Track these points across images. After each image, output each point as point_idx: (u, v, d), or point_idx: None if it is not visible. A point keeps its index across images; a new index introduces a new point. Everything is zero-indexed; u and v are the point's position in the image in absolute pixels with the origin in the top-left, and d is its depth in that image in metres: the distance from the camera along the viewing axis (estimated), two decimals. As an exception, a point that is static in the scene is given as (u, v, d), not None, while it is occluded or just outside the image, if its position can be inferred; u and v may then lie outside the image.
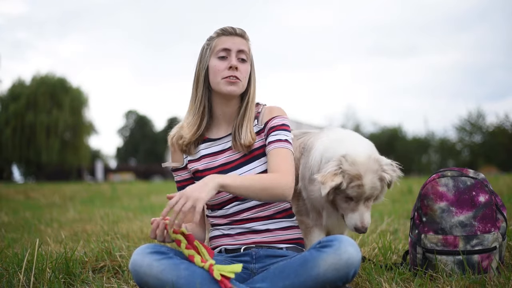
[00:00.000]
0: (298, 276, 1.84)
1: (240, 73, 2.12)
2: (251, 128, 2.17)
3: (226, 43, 2.13)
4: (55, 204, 9.57)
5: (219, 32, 2.16)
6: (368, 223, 2.16)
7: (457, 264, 2.28)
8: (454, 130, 36.60)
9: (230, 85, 2.11)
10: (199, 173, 2.19)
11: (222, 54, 2.13)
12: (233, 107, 2.20)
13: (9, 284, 2.26)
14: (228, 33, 2.15)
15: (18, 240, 3.99)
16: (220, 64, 2.12)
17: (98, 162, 40.15)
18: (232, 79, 2.10)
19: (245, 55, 2.15)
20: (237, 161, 2.16)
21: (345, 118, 40.73)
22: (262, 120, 2.21)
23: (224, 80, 2.11)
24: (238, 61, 2.13)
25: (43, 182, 24.96)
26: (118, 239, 3.37)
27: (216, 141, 2.22)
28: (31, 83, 33.06)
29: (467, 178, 2.38)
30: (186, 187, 2.03)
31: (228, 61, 2.12)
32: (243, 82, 2.15)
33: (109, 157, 59.25)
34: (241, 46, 2.14)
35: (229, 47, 2.12)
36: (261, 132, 2.19)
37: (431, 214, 2.36)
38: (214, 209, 2.21)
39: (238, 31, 2.16)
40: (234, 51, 2.12)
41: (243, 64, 2.14)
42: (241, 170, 2.14)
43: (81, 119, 33.82)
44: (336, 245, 1.84)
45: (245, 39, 2.17)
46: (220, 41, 2.14)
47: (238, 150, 2.16)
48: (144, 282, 1.84)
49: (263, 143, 2.18)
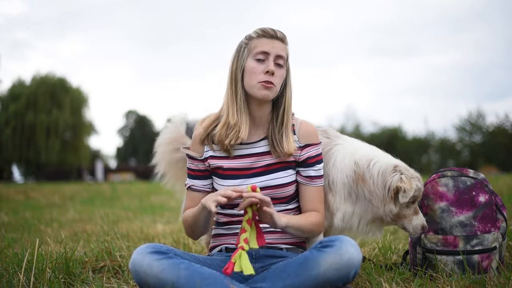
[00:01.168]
0: (299, 276, 1.83)
1: (275, 79, 2.09)
2: (292, 137, 2.15)
3: (266, 46, 2.09)
4: (55, 204, 9.57)
5: (259, 33, 2.11)
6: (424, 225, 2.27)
7: (457, 264, 2.28)
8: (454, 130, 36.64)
9: (264, 89, 2.08)
10: (221, 171, 2.17)
11: (260, 57, 2.09)
12: (265, 111, 2.17)
13: (9, 284, 2.26)
14: (269, 35, 2.10)
15: (18, 240, 3.98)
16: (257, 66, 2.09)
17: (98, 162, 40.11)
18: (267, 84, 2.07)
19: (282, 61, 2.11)
20: (263, 168, 2.14)
21: (345, 118, 40.81)
22: (300, 137, 2.19)
23: (259, 84, 2.08)
24: (275, 66, 2.09)
25: (43, 182, 24.96)
26: (118, 239, 3.37)
27: (248, 144, 2.18)
28: (31, 83, 33.04)
29: (467, 178, 2.38)
30: (198, 177, 2.20)
31: (265, 64, 2.08)
32: (277, 88, 2.11)
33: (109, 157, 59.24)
34: (280, 51, 2.10)
35: (268, 50, 2.08)
36: (298, 149, 2.17)
37: (431, 214, 2.36)
38: (224, 208, 2.21)
39: (279, 34, 2.11)
40: (273, 56, 2.08)
41: (279, 69, 2.11)
42: (265, 177, 2.13)
43: (81, 119, 33.81)
44: (337, 245, 1.84)
45: (284, 43, 2.13)
46: (260, 42, 2.10)
47: (278, 156, 2.14)
48: (144, 281, 1.84)
49: (295, 159, 2.17)
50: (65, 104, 32.42)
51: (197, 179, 2.22)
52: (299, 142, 2.18)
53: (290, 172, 2.16)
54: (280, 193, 2.14)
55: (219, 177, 2.16)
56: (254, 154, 2.16)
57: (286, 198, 2.17)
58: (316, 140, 2.21)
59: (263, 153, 2.16)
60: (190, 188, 2.23)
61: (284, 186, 2.14)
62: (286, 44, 2.14)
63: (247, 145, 2.18)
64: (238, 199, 1.91)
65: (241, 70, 2.13)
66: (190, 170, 2.24)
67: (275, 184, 2.13)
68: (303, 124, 2.22)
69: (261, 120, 2.19)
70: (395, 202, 2.19)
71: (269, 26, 2.14)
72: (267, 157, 2.15)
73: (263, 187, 2.11)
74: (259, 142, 2.18)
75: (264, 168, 2.14)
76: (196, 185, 2.21)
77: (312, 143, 2.19)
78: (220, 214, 2.23)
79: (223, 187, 2.12)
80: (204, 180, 2.21)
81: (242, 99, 2.13)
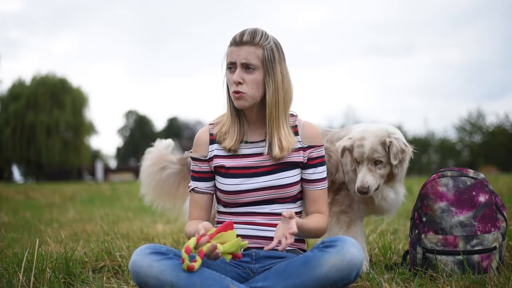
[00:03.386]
0: (300, 276, 1.83)
1: (245, 86, 2.07)
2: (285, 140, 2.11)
3: (232, 55, 2.08)
4: (55, 204, 9.56)
5: (230, 41, 2.11)
6: (366, 183, 2.41)
7: (457, 264, 2.28)
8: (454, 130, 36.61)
9: (236, 99, 2.08)
10: (224, 170, 2.17)
11: (230, 66, 2.10)
12: (256, 114, 2.16)
13: (9, 284, 2.26)
14: (235, 43, 2.08)
15: (18, 240, 3.98)
16: (230, 77, 2.10)
17: (98, 162, 40.10)
18: (236, 94, 2.07)
19: (251, 65, 2.07)
20: (267, 168, 2.14)
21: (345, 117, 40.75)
22: (304, 138, 2.18)
23: (232, 94, 2.09)
24: (243, 72, 2.07)
25: (43, 182, 24.95)
26: (118, 239, 3.37)
27: (251, 144, 2.18)
28: (31, 83, 33.04)
29: (467, 178, 2.38)
30: (202, 179, 2.20)
31: (233, 74, 2.09)
32: (250, 93, 2.08)
33: (109, 157, 59.23)
34: (246, 57, 2.06)
35: (234, 59, 2.07)
36: (301, 149, 2.17)
37: (431, 214, 2.36)
38: (227, 206, 2.21)
39: (245, 38, 2.07)
40: (238, 64, 2.07)
41: (249, 75, 2.07)
42: (269, 177, 2.13)
43: (82, 119, 33.79)
44: (339, 246, 1.84)
45: (254, 45, 2.07)
46: (229, 52, 2.10)
47: (269, 159, 2.14)
48: (144, 282, 1.84)
49: (302, 160, 2.16)
50: (66, 104, 32.41)
51: (201, 181, 2.21)
52: (303, 143, 2.18)
53: (295, 172, 2.15)
54: (284, 193, 2.14)
55: (221, 175, 2.17)
56: (256, 154, 2.16)
57: (290, 198, 2.17)
58: (319, 142, 2.21)
59: (262, 154, 2.16)
60: (194, 190, 2.22)
61: (288, 186, 2.14)
62: (256, 46, 2.07)
63: (251, 144, 2.18)
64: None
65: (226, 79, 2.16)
66: (194, 172, 2.24)
67: (279, 184, 2.12)
68: (306, 126, 2.21)
69: (258, 121, 2.18)
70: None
71: (244, 29, 2.11)
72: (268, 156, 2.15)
73: (267, 187, 2.12)
74: (261, 142, 2.18)
75: (268, 168, 2.14)
76: (200, 187, 2.21)
77: (315, 145, 2.19)
78: (221, 213, 2.23)
79: (225, 186, 2.13)
80: (207, 182, 2.21)
81: (231, 107, 2.15)
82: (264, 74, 2.08)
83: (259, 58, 2.07)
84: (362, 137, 2.45)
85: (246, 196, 2.12)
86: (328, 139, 2.67)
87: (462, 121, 35.86)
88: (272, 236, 2.10)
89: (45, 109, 32.12)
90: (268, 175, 2.13)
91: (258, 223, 2.13)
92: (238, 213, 2.17)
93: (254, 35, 2.07)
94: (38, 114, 31.66)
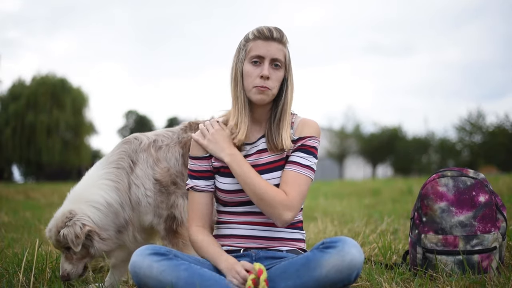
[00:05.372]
0: (300, 277, 1.83)
1: (271, 82, 2.07)
2: (290, 134, 2.13)
3: (261, 49, 2.06)
4: (55, 204, 9.55)
5: (255, 34, 2.09)
6: (65, 271, 2.33)
7: (457, 264, 2.28)
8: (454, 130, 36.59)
9: (259, 94, 2.07)
10: (223, 169, 2.16)
11: (255, 60, 2.07)
12: (264, 110, 2.16)
13: (9, 284, 2.26)
14: (264, 37, 2.07)
15: (18, 240, 3.98)
16: (253, 70, 2.07)
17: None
18: (262, 88, 2.06)
19: (279, 62, 2.09)
20: (264, 166, 2.13)
21: (345, 118, 40.74)
22: (296, 131, 2.17)
23: (255, 89, 2.07)
24: (271, 68, 2.07)
25: (43, 182, 24.95)
26: (118, 239, 3.36)
27: (250, 144, 2.18)
28: (31, 83, 33.04)
29: (467, 178, 2.38)
30: (201, 177, 2.16)
31: (260, 68, 2.07)
32: (273, 91, 2.09)
33: (109, 157, 59.11)
34: (275, 54, 2.07)
35: (263, 54, 2.06)
36: (294, 143, 2.15)
37: (431, 214, 2.36)
38: (226, 206, 2.20)
39: (275, 35, 2.07)
40: (268, 59, 2.06)
41: (276, 72, 2.09)
42: (268, 175, 2.11)
43: (82, 119, 33.80)
44: (339, 246, 1.84)
45: (281, 43, 2.09)
46: (255, 45, 2.08)
47: (274, 153, 2.13)
48: (144, 283, 1.84)
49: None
50: (66, 104, 32.41)
51: (200, 179, 2.20)
52: (293, 135, 2.16)
53: None
54: None
55: (220, 175, 2.17)
56: (254, 153, 2.16)
57: None
58: (309, 133, 2.16)
59: (262, 150, 2.16)
60: (193, 188, 2.20)
61: None
62: (283, 44, 2.11)
63: (249, 145, 2.18)
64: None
65: (240, 73, 2.12)
66: (192, 171, 2.22)
67: (278, 183, 2.12)
68: (303, 120, 2.21)
69: (260, 119, 2.19)
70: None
71: (266, 26, 2.11)
72: (266, 154, 2.15)
73: None
74: (258, 140, 2.18)
75: (265, 166, 2.14)
76: (199, 185, 2.20)
77: (305, 136, 2.15)
78: (222, 212, 2.22)
79: (223, 185, 2.13)
80: (207, 180, 2.21)
81: (243, 100, 2.12)
82: (285, 73, 2.13)
83: (285, 57, 2.12)
84: (50, 225, 2.42)
85: (245, 195, 2.12)
86: None
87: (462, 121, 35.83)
88: (272, 236, 2.11)
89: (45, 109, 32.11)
90: (267, 173, 2.13)
91: (258, 222, 2.13)
92: (238, 212, 2.16)
93: (282, 33, 2.11)
94: (38, 114, 31.65)
